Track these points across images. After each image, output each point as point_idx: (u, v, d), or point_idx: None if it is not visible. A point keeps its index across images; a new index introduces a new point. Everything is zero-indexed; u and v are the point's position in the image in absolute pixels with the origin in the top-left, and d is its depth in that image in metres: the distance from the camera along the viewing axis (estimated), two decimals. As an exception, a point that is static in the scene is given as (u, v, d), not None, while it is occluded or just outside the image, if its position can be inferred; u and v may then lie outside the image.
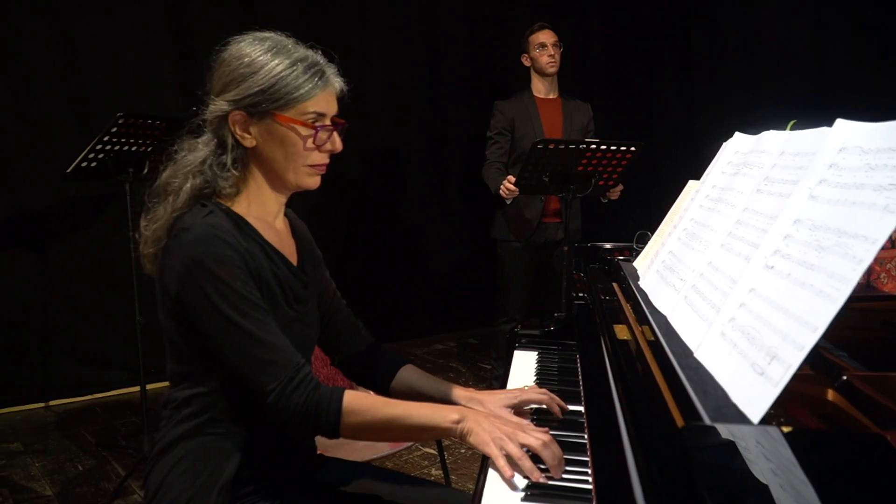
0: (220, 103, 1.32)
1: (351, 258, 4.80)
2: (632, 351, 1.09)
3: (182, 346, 1.33)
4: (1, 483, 3.06)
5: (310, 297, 1.47)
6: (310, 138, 1.34)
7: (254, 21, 4.19)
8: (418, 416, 1.27)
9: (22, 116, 3.73)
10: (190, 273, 1.24)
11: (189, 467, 1.32)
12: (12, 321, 3.81)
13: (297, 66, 1.31)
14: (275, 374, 1.23)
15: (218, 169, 1.34)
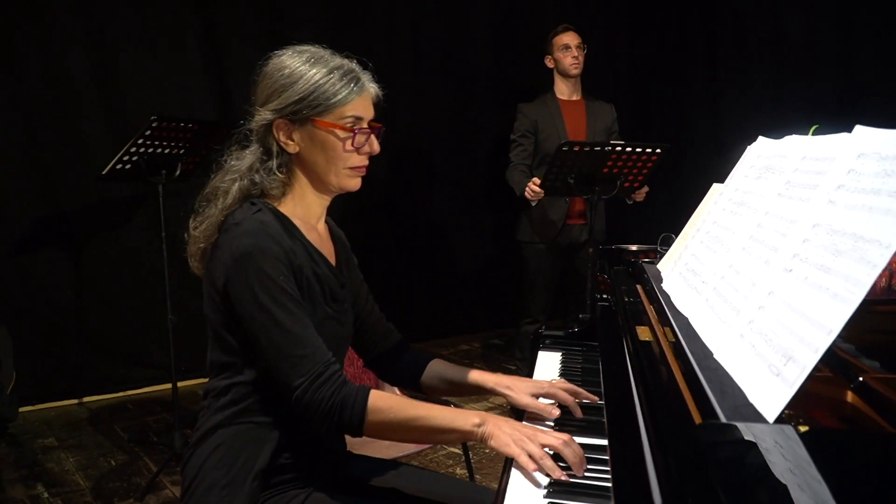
0: (265, 113, 1.39)
1: (377, 259, 4.84)
2: (653, 352, 1.11)
3: (225, 338, 1.38)
4: (36, 477, 3.14)
5: (346, 298, 1.52)
6: (348, 141, 1.40)
7: (283, 29, 4.29)
8: (440, 417, 1.30)
9: (58, 120, 3.83)
10: (237, 264, 1.30)
11: (225, 455, 1.37)
12: (48, 319, 3.91)
13: (334, 74, 1.38)
14: (305, 369, 1.27)
15: (265, 174, 1.42)
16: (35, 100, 3.76)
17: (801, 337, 0.79)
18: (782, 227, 1.02)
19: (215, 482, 1.36)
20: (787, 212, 1.03)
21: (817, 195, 0.95)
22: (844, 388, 1.00)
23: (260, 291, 1.28)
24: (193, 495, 1.38)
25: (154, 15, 3.99)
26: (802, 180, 1.03)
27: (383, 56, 4.73)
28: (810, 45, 5.75)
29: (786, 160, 1.16)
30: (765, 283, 0.96)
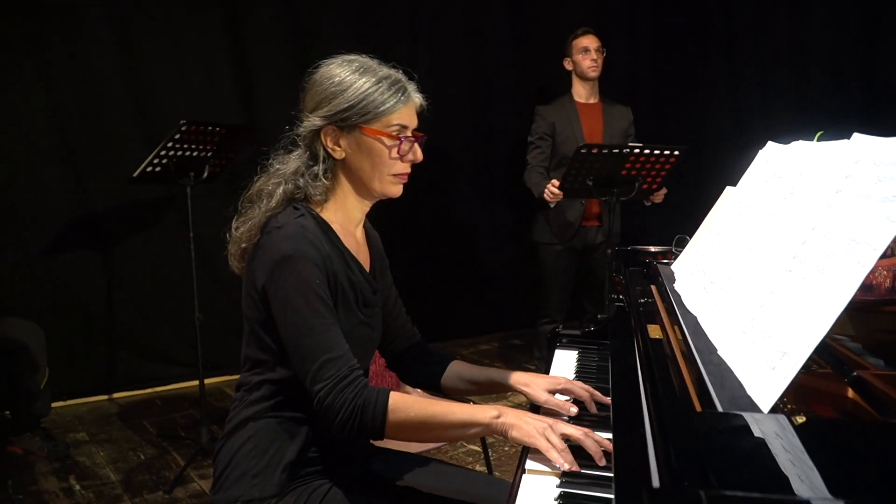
0: (314, 119, 1.45)
1: (398, 259, 4.87)
2: (661, 348, 1.17)
3: (261, 336, 1.44)
4: (68, 470, 3.25)
5: (377, 303, 1.59)
6: (394, 148, 1.46)
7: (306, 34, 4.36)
8: (460, 413, 1.35)
9: (91, 125, 3.93)
10: (277, 266, 1.36)
11: (256, 446, 1.45)
12: (80, 318, 4.01)
13: (382, 84, 1.44)
14: (330, 372, 1.32)
15: (310, 178, 1.47)
16: (69, 106, 3.87)
17: (795, 333, 0.84)
18: (785, 229, 1.07)
19: (247, 471, 1.44)
20: (790, 215, 1.08)
21: (817, 199, 0.99)
22: (844, 383, 1.04)
23: (295, 294, 1.34)
24: (226, 482, 1.46)
25: (183, 23, 4.09)
26: (804, 185, 1.08)
27: (405, 59, 4.74)
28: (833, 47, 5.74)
29: (791, 165, 1.21)
30: (766, 282, 1.01)
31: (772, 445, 0.73)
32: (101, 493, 3.03)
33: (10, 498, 2.97)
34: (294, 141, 1.51)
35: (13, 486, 3.06)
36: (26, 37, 3.72)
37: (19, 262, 3.83)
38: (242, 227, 1.49)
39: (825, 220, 0.94)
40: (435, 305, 4.98)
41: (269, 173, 1.51)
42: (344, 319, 1.43)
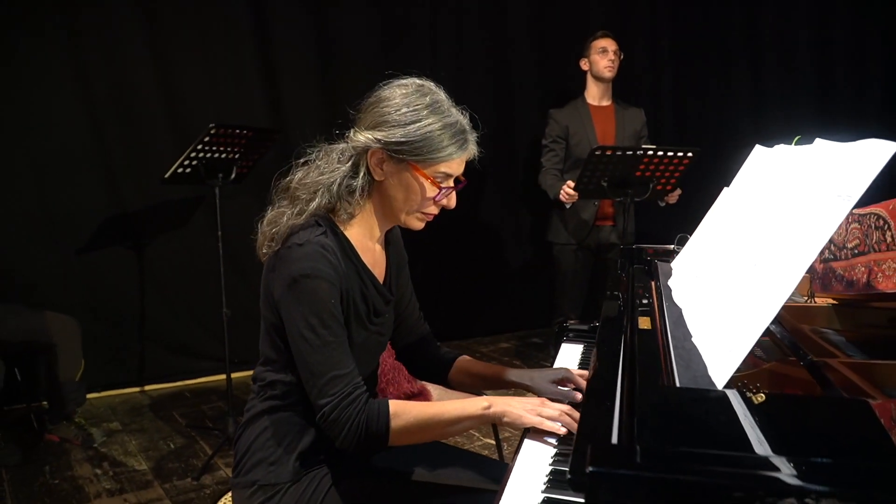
0: (369, 136, 1.46)
1: (420, 259, 5.02)
2: (646, 337, 1.26)
3: (274, 337, 1.53)
4: (102, 457, 3.40)
5: (389, 311, 1.66)
6: (432, 194, 1.50)
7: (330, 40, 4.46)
8: (453, 409, 1.45)
9: (125, 128, 4.08)
10: (295, 283, 1.41)
11: (272, 437, 1.55)
12: (113, 313, 4.18)
13: (447, 131, 1.46)
14: (336, 388, 1.40)
15: (345, 191, 1.50)
16: (104, 110, 4.02)
17: (751, 319, 0.93)
18: (756, 228, 1.15)
19: (264, 458, 1.55)
20: (761, 215, 1.16)
21: (780, 200, 1.08)
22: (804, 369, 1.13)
23: (309, 312, 1.40)
24: (245, 467, 1.57)
25: (213, 30, 4.23)
26: (774, 185, 1.17)
27: (427, 63, 4.90)
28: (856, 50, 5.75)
29: (767, 168, 1.30)
30: (738, 276, 1.10)
31: (720, 415, 0.83)
32: (133, 479, 3.18)
33: (47, 483, 3.12)
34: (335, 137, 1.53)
35: (50, 472, 3.22)
36: (63, 42, 3.87)
37: (57, 260, 3.99)
38: (269, 224, 1.51)
39: (786, 218, 1.03)
40: (456, 304, 5.08)
41: (310, 168, 1.53)
42: (356, 333, 1.51)
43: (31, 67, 3.81)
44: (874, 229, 1.32)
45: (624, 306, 1.61)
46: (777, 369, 1.22)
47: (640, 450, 0.68)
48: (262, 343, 1.58)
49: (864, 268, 1.36)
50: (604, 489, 0.64)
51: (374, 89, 1.50)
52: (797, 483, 0.66)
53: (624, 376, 1.02)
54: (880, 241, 1.29)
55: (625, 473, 0.64)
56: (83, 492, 3.05)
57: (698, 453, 0.71)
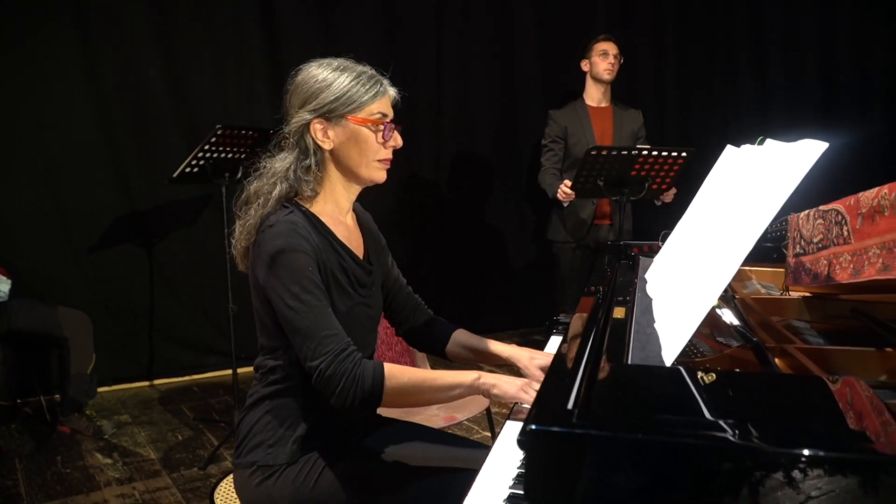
0: (303, 114, 1.59)
1: (426, 257, 5.12)
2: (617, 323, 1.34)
3: (269, 325, 1.62)
4: (112, 448, 3.51)
5: (373, 283, 1.75)
6: (378, 133, 1.62)
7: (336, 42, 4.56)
8: (445, 377, 1.55)
9: (134, 127, 4.19)
10: (273, 261, 1.52)
11: (272, 420, 1.65)
12: (124, 309, 4.29)
13: (362, 77, 1.61)
14: (329, 347, 1.49)
15: (302, 173, 1.61)
16: (116, 111, 4.13)
17: (697, 305, 1.01)
18: (712, 224, 1.24)
19: (263, 441, 1.65)
20: (715, 213, 1.25)
21: (729, 199, 1.17)
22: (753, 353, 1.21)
23: (291, 283, 1.50)
24: (245, 449, 1.67)
25: (222, 32, 4.33)
26: (728, 186, 1.25)
27: (432, 64, 5.00)
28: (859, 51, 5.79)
29: (730, 169, 1.38)
30: (693, 268, 1.19)
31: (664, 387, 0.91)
32: (141, 468, 3.28)
33: (58, 471, 3.23)
34: (279, 144, 1.66)
35: (62, 462, 3.33)
36: (76, 46, 3.98)
37: (69, 257, 4.11)
38: (241, 229, 1.65)
39: (729, 217, 1.11)
40: (460, 302, 5.15)
41: (262, 174, 1.65)
42: (340, 302, 1.60)
43: (45, 71, 3.92)
44: (834, 224, 1.40)
45: (603, 298, 1.69)
46: (737, 354, 1.30)
47: (579, 412, 0.76)
48: (259, 334, 1.68)
49: (826, 261, 1.44)
50: (540, 446, 0.72)
51: (288, 81, 1.65)
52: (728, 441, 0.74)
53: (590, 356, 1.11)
54: (839, 235, 1.37)
55: (559, 430, 0.73)
56: (93, 480, 3.16)
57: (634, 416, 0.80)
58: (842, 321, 1.63)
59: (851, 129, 5.62)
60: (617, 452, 0.71)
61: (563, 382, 0.93)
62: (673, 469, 0.71)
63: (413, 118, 4.89)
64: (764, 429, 0.74)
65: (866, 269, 1.21)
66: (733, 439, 0.71)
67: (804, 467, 0.69)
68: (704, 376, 0.94)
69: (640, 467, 0.70)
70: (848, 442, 0.74)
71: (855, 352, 1.28)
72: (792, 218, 1.76)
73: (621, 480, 0.69)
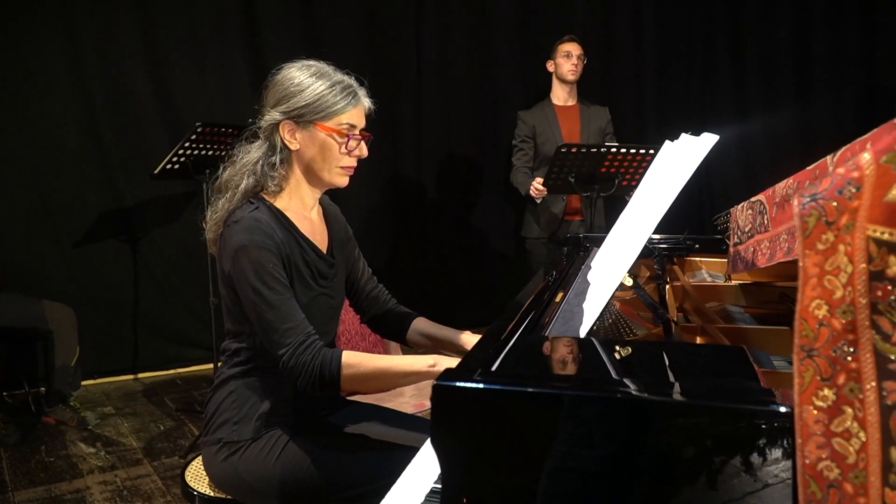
0: (274, 114, 1.68)
1: (406, 254, 5.20)
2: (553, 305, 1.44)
3: (234, 311, 1.72)
4: (96, 438, 3.59)
5: (335, 274, 1.84)
6: (343, 144, 1.70)
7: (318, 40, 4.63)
8: (401, 364, 1.63)
9: (118, 123, 4.26)
10: (237, 255, 1.61)
11: (237, 399, 1.75)
12: (109, 302, 4.37)
13: (336, 87, 1.67)
14: (290, 338, 1.59)
15: (268, 168, 1.70)
16: (99, 107, 4.20)
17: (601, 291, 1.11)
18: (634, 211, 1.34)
19: (229, 419, 1.74)
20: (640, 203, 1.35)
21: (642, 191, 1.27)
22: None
23: (254, 278, 1.59)
24: (212, 426, 1.77)
25: (205, 30, 4.41)
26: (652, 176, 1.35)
27: (413, 63, 5.08)
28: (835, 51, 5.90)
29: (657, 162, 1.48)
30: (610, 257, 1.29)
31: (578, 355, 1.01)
32: (124, 457, 3.37)
33: (43, 460, 3.32)
34: (255, 134, 1.74)
35: (46, 451, 3.42)
36: (60, 43, 4.05)
37: (55, 251, 4.19)
38: (212, 217, 1.74)
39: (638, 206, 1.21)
40: (440, 298, 5.22)
41: (234, 163, 1.74)
42: (303, 293, 1.69)
43: (30, 68, 3.99)
44: (758, 214, 1.51)
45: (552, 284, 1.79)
46: (658, 332, 1.40)
47: (481, 371, 0.86)
48: (226, 319, 1.77)
49: (752, 248, 1.54)
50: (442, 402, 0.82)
51: (268, 78, 1.71)
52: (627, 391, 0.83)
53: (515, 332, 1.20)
54: (761, 224, 1.47)
55: (456, 385, 0.82)
56: (77, 468, 3.25)
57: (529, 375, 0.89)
58: (773, 305, 1.74)
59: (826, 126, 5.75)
60: (506, 405, 0.81)
61: (485, 352, 1.02)
62: (555, 420, 0.81)
63: (393, 117, 4.98)
64: (637, 382, 0.84)
65: (777, 253, 1.31)
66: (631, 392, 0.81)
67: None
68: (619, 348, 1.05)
69: (527, 420, 0.80)
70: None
71: (769, 330, 1.38)
72: (733, 210, 1.87)
73: (508, 432, 0.79)
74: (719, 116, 5.91)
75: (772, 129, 5.84)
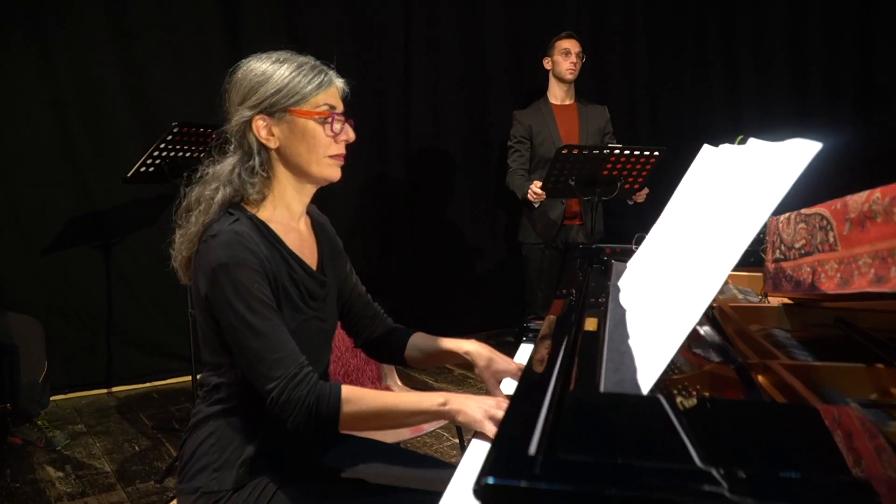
0: (243, 111, 1.47)
1: (395, 258, 5.00)
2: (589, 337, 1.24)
3: (212, 340, 1.49)
4: (65, 460, 3.35)
5: (327, 294, 1.62)
6: (326, 126, 1.49)
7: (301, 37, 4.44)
8: (408, 402, 1.43)
9: (91, 123, 4.04)
10: (216, 274, 1.39)
11: (217, 442, 1.52)
12: (80, 313, 4.13)
13: (304, 67, 1.48)
14: (281, 371, 1.37)
15: (246, 175, 1.48)
16: (70, 105, 3.98)
17: (677, 323, 0.92)
18: (690, 231, 1.14)
19: (208, 464, 1.51)
20: (696, 217, 1.15)
21: (712, 202, 1.07)
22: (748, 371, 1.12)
23: (236, 301, 1.37)
24: (189, 473, 1.54)
25: (181, 25, 4.19)
26: (709, 188, 1.16)
27: (400, 64, 4.89)
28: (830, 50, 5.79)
29: (709, 170, 1.29)
30: (670, 278, 1.09)
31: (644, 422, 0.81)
32: (95, 482, 3.13)
33: (7, 486, 3.07)
34: (222, 147, 1.53)
35: (11, 475, 3.17)
36: (29, 37, 3.82)
37: (21, 258, 3.95)
38: (181, 238, 1.52)
39: (713, 221, 1.02)
40: (430, 303, 5.07)
41: (205, 180, 1.52)
42: (291, 317, 1.48)
43: (-4, 65, 3.75)
44: (818, 229, 1.32)
45: (573, 306, 1.59)
46: (719, 371, 1.21)
47: (543, 460, 0.66)
48: (203, 351, 1.55)
49: (810, 268, 1.35)
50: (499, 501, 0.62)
51: (226, 80, 1.54)
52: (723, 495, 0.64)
53: (558, 378, 1.01)
54: (824, 241, 1.28)
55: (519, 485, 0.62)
56: (44, 495, 3.01)
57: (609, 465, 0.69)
58: (822, 329, 1.55)
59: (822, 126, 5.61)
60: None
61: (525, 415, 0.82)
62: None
63: (381, 118, 4.78)
64: (759, 482, 0.65)
65: (856, 279, 1.12)
66: (728, 496, 0.61)
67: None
68: (686, 405, 0.85)
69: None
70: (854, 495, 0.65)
71: (843, 368, 1.19)
72: (771, 221, 1.68)
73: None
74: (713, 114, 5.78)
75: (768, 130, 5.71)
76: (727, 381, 1.19)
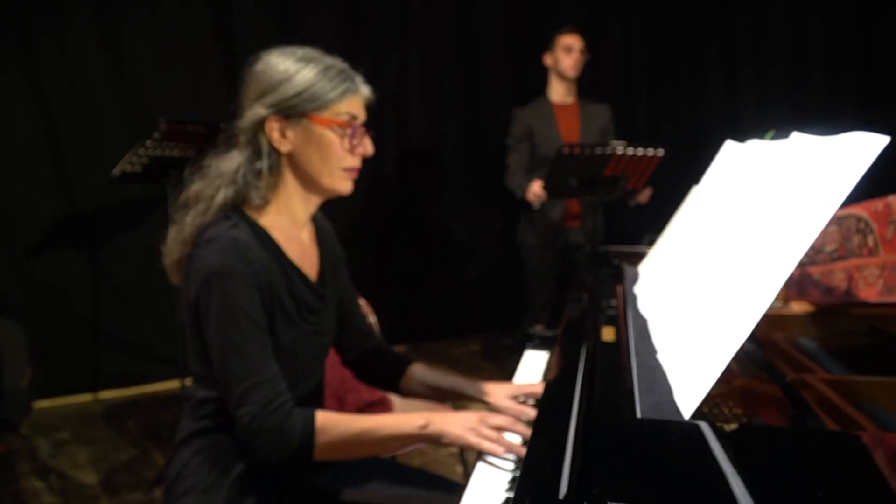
0: (259, 109, 1.37)
1: (390, 260, 4.90)
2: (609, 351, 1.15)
3: (199, 349, 1.39)
4: (49, 470, 3.23)
5: (325, 307, 1.52)
6: (345, 138, 1.39)
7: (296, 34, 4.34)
8: (387, 426, 1.34)
9: (77, 122, 3.92)
10: (206, 283, 1.30)
11: (204, 461, 1.42)
12: (66, 316, 4.00)
13: (330, 71, 1.38)
14: (256, 395, 1.29)
15: (252, 177, 1.38)
16: (56, 104, 3.86)
17: (721, 339, 0.82)
18: (729, 233, 1.04)
19: (195, 485, 1.41)
20: (734, 218, 1.05)
21: (755, 202, 0.97)
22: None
23: (222, 314, 1.29)
24: (175, 493, 1.44)
25: (171, 21, 4.08)
26: (750, 184, 1.06)
27: (395, 61, 4.79)
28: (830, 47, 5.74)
29: (742, 165, 1.19)
30: (708, 288, 0.99)
31: (688, 453, 0.71)
32: (80, 493, 3.02)
33: (-12, 497, 2.96)
34: (231, 140, 1.43)
35: (-7, 486, 3.06)
36: (15, 36, 3.71)
37: (3, 261, 3.83)
38: (175, 236, 1.42)
39: (760, 222, 0.92)
40: (426, 306, 4.97)
41: (206, 175, 1.42)
42: (286, 333, 1.39)
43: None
44: (855, 232, 1.22)
45: (587, 315, 1.49)
46: (750, 385, 1.11)
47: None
48: (190, 360, 1.45)
49: (844, 273, 1.26)
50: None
51: (245, 70, 1.43)
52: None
53: (581, 400, 0.91)
54: (861, 245, 1.19)
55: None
56: (26, 508, 2.90)
57: None
58: (853, 338, 1.46)
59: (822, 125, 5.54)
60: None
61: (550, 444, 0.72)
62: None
63: (377, 117, 4.66)
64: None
65: (904, 287, 1.03)
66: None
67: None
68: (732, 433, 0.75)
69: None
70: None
71: (884, 382, 1.10)
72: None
73: None
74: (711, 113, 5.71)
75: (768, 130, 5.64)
76: (763, 397, 1.09)
